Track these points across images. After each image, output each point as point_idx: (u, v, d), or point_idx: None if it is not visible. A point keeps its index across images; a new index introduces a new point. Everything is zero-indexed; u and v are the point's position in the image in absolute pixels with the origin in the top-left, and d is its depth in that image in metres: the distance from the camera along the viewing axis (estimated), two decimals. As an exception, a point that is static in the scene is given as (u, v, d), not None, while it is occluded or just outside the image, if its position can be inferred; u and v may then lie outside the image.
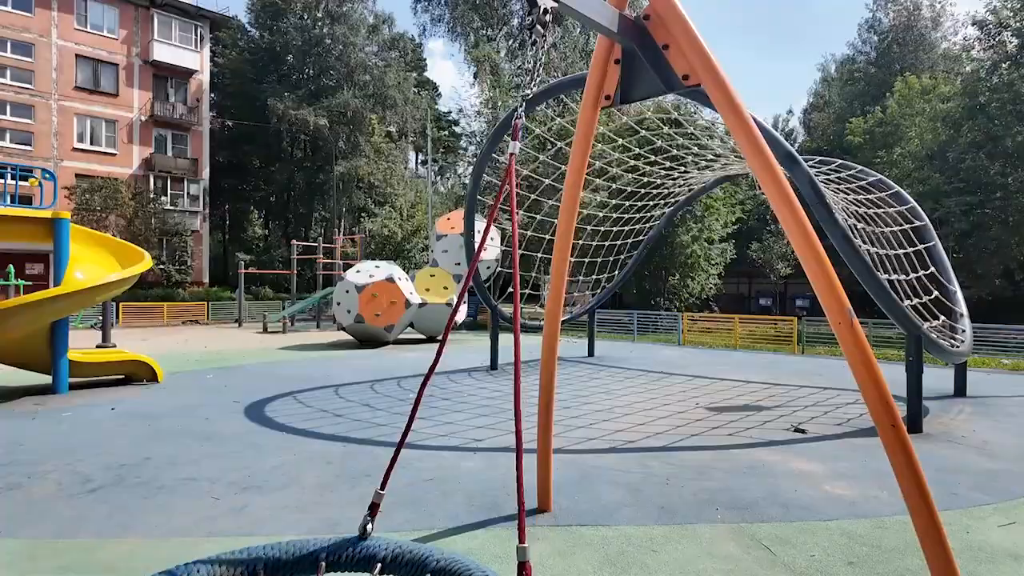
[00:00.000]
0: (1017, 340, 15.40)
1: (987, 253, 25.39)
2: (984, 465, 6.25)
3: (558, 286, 4.20)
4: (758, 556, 4.06)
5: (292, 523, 4.61)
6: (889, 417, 3.18)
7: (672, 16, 3.22)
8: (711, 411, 8.89)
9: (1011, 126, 24.39)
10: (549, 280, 4.38)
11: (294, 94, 43.97)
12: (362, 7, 48.56)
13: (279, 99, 41.98)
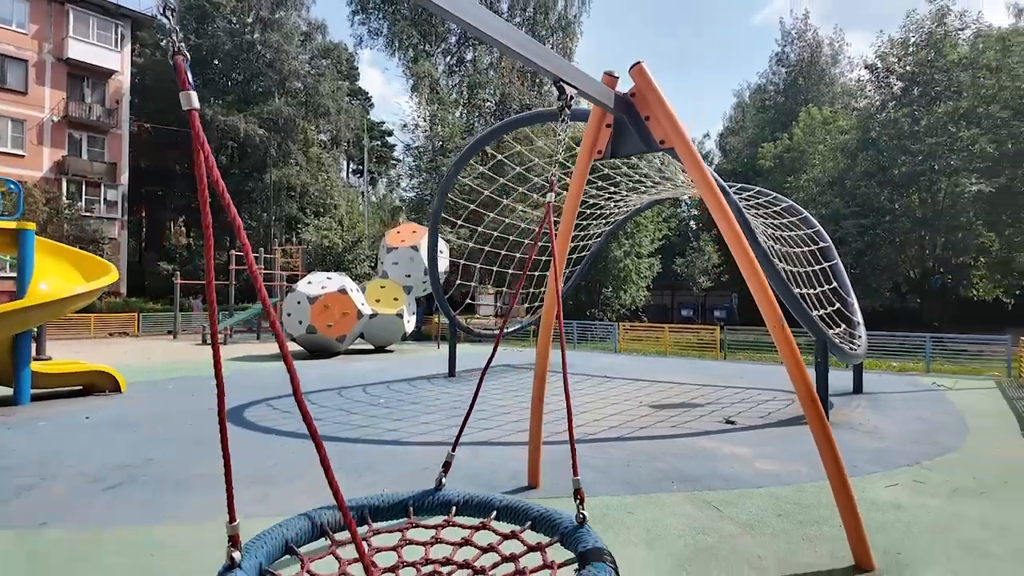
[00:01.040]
0: (903, 346, 17.72)
1: (879, 270, 28.56)
2: (875, 445, 7.68)
3: (552, 299, 5.12)
4: (709, 514, 5.13)
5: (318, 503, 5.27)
6: (813, 402, 4.31)
7: (652, 95, 4.25)
8: (654, 408, 10.08)
9: (897, 158, 27.68)
10: (486, 291, 5.26)
11: (222, 100, 42.98)
12: (296, 15, 48.10)
13: (207, 104, 40.91)
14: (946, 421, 9.31)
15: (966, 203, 26.40)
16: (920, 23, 28.58)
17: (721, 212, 4.15)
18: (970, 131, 26.39)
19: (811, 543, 4.58)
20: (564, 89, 3.58)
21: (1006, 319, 27.79)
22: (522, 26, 42.70)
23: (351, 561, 2.91)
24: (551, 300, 5.28)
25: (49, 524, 4.83)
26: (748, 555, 4.36)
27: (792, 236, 12.57)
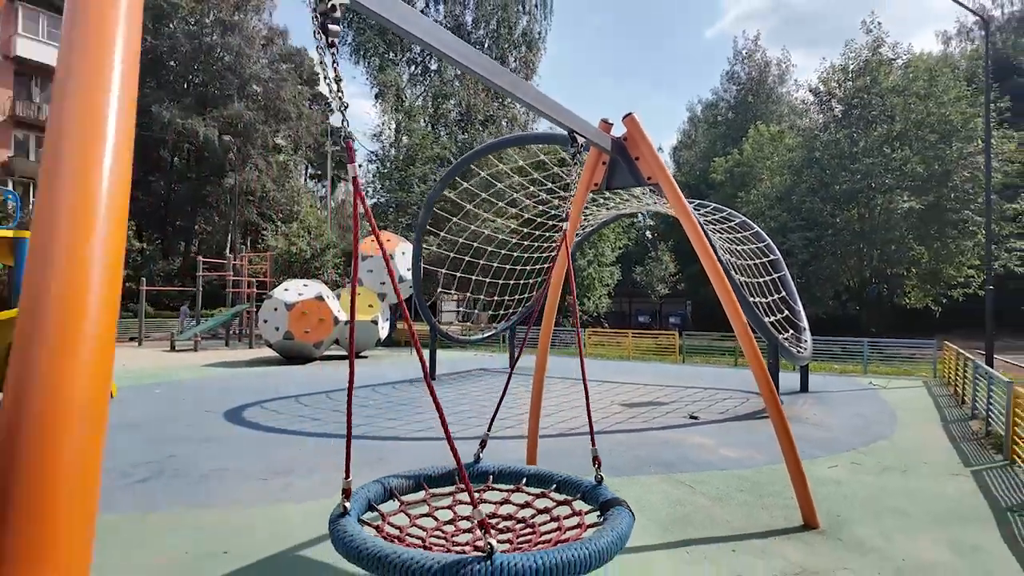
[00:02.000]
0: (844, 349, 19.29)
1: (822, 279, 30.55)
2: (820, 435, 8.79)
3: (552, 307, 5.95)
4: (684, 490, 6.05)
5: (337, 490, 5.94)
6: (773, 397, 5.25)
7: (641, 140, 5.14)
8: (624, 407, 11.02)
9: (838, 176, 29.75)
10: (449, 297, 5.98)
11: (180, 102, 42.36)
12: (256, 18, 47.80)
13: (163, 106, 40.25)
14: (880, 415, 10.56)
15: (899, 219, 28.59)
16: (858, 51, 30.87)
17: (698, 238, 5.07)
18: (902, 152, 28.64)
19: (768, 510, 5.53)
20: (576, 138, 4.43)
21: (935, 325, 30.15)
22: (485, 39, 43.65)
23: (418, 516, 3.66)
24: (551, 310, 6.09)
25: (98, 512, 5.35)
26: (718, 520, 5.28)
27: (745, 249, 13.79)
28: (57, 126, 1.24)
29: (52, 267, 1.16)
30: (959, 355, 12.84)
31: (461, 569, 2.58)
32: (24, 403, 1.07)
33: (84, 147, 1.23)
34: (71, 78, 1.25)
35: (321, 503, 5.52)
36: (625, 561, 4.32)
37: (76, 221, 1.19)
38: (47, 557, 0.98)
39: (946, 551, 4.65)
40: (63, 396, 1.09)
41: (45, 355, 1.10)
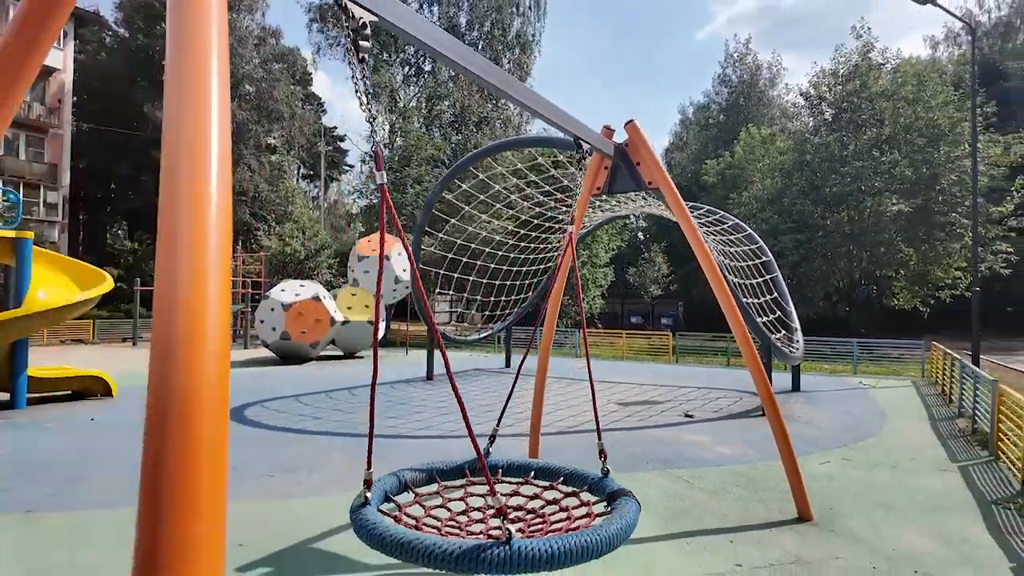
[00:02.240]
0: (834, 350, 19.59)
1: (812, 281, 30.94)
2: (811, 433, 9.01)
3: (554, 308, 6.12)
4: (682, 484, 6.24)
5: (346, 489, 6.09)
6: (770, 397, 5.45)
7: (642, 146, 5.33)
8: (621, 405, 11.21)
9: (828, 178, 30.16)
10: (443, 298, 6.13)
11: (173, 102, 42.23)
12: (249, 18, 47.70)
13: (156, 106, 40.13)
14: (869, 413, 10.81)
15: (888, 221, 29.03)
16: (848, 56, 31.31)
17: (697, 242, 5.26)
18: (891, 156, 29.08)
19: (763, 504, 5.73)
20: (582, 145, 4.61)
21: (923, 326, 30.60)
22: (479, 41, 43.82)
23: (432, 507, 3.82)
24: (553, 311, 6.26)
25: (117, 506, 5.47)
26: (716, 513, 5.47)
27: (738, 251, 14.02)
28: (173, 151, 1.40)
29: (178, 274, 1.32)
30: (946, 355, 13.13)
31: (482, 553, 2.74)
32: (168, 384, 1.24)
33: (194, 167, 1.39)
34: (181, 102, 1.42)
35: (329, 499, 5.67)
36: (630, 552, 4.50)
37: (194, 233, 1.35)
38: (196, 505, 1.15)
39: (933, 542, 4.86)
40: (197, 378, 1.26)
41: (182, 346, 1.26)
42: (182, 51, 1.49)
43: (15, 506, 5.36)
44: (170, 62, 1.54)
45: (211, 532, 1.20)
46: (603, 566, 4.17)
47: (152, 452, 1.24)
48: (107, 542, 4.67)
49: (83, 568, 4.21)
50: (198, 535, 1.17)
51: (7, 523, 5.00)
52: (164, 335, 1.28)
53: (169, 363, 1.26)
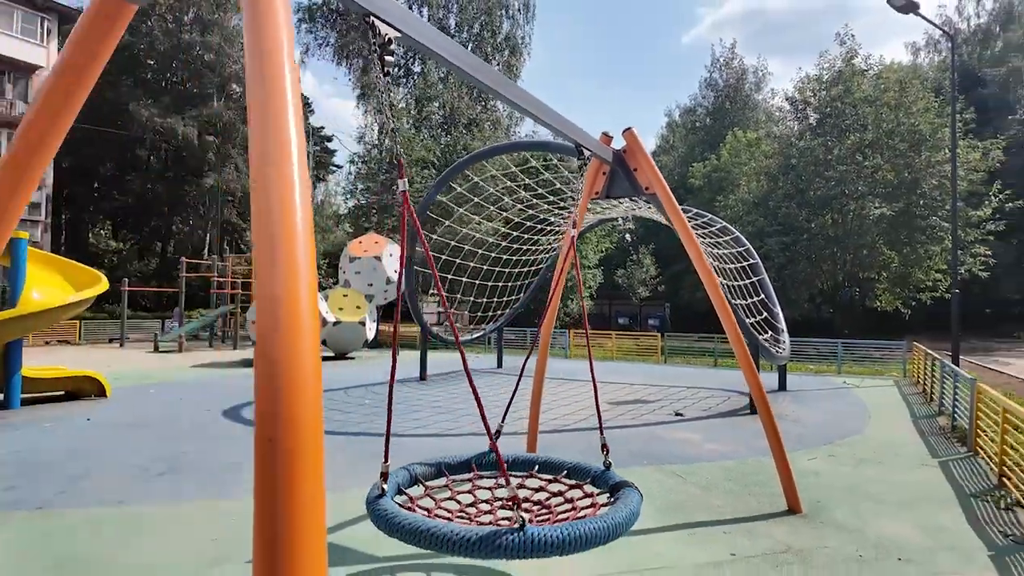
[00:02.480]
0: (819, 351, 19.99)
1: (797, 283, 31.43)
2: (798, 430, 9.27)
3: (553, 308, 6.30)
4: (675, 479, 6.45)
5: (353, 483, 6.23)
6: (761, 395, 5.68)
7: (640, 153, 5.54)
8: (613, 405, 11.43)
9: (813, 182, 30.69)
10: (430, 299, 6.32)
11: (157, 100, 41.87)
12: (237, 17, 47.45)
13: (141, 105, 39.77)
14: (854, 412, 11.11)
15: (871, 224, 29.59)
16: (832, 62, 31.88)
17: (693, 246, 5.48)
18: (874, 160, 29.66)
19: (755, 497, 5.95)
20: (583, 151, 4.80)
21: (904, 327, 31.22)
22: (468, 43, 43.95)
23: (442, 499, 3.98)
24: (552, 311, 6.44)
25: (125, 502, 5.57)
26: (709, 506, 5.68)
27: (726, 254, 14.31)
28: (261, 165, 1.56)
29: (276, 273, 1.48)
30: (927, 355, 13.50)
31: (497, 539, 2.91)
32: (277, 367, 1.41)
33: (281, 178, 1.55)
34: (265, 111, 1.60)
35: (336, 494, 5.79)
36: (629, 542, 4.69)
37: (285, 236, 1.51)
38: (306, 467, 1.34)
39: (915, 531, 5.10)
40: (299, 362, 1.43)
41: (284, 335, 1.43)
42: (263, 88, 1.66)
43: (27, 503, 5.44)
44: (251, 96, 1.71)
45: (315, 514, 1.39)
46: (605, 555, 4.38)
47: (261, 440, 1.42)
48: (121, 536, 4.77)
49: (103, 558, 4.31)
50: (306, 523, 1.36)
51: (23, 519, 5.09)
52: (268, 324, 1.44)
53: (272, 347, 1.42)
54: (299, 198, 1.59)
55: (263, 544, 1.38)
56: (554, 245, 17.90)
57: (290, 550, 1.37)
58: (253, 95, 1.68)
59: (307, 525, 1.41)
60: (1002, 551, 4.72)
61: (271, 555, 1.37)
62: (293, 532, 1.38)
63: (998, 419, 6.70)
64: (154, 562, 4.29)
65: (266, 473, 1.43)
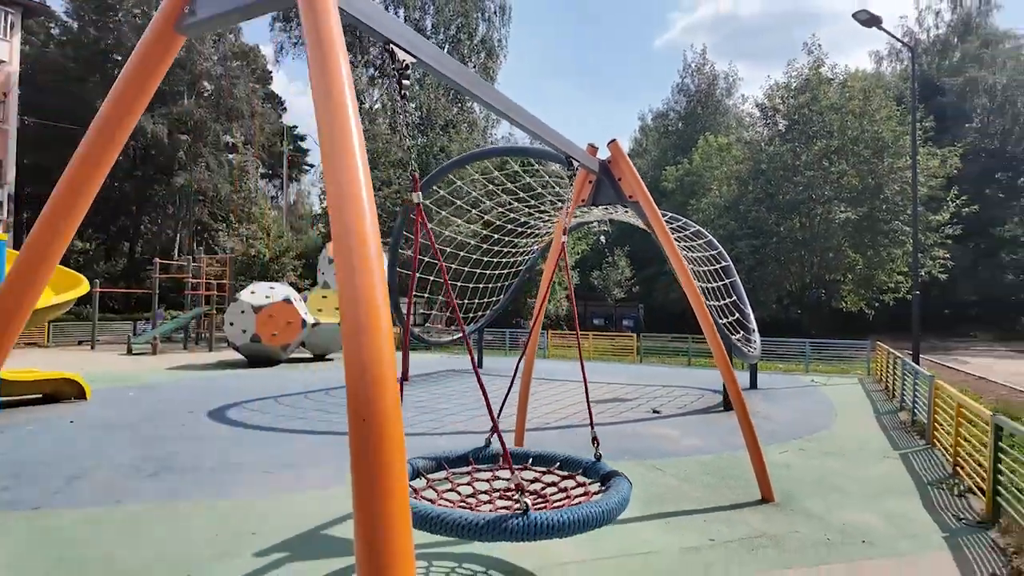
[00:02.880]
0: (788, 350, 20.66)
1: (767, 284, 32.32)
2: (769, 427, 9.71)
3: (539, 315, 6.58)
4: (656, 472, 6.78)
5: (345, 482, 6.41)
6: (737, 392, 6.04)
7: (624, 163, 5.85)
8: (593, 403, 11.70)
9: (782, 187, 31.60)
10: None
11: (127, 98, 41.02)
12: (208, 15, 46.77)
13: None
14: (821, 409, 11.63)
15: (836, 228, 30.59)
16: (800, 71, 32.88)
17: (674, 253, 5.80)
18: (840, 166, 30.68)
19: (730, 488, 6.31)
20: (572, 163, 5.09)
21: (868, 327, 32.32)
22: (445, 44, 44.07)
23: (444, 491, 4.22)
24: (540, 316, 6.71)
25: (123, 502, 5.67)
26: (688, 496, 6.02)
27: (700, 257, 14.78)
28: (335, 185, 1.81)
29: (353, 274, 1.74)
30: (889, 354, 14.15)
31: (503, 523, 3.17)
32: (364, 360, 1.66)
33: (352, 192, 1.80)
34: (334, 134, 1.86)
35: (332, 491, 5.99)
36: (615, 531, 4.97)
37: (359, 241, 1.77)
38: (390, 437, 1.61)
39: (878, 518, 5.50)
40: (381, 354, 1.68)
41: (368, 332, 1.68)
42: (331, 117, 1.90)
43: (22, 504, 5.50)
44: (321, 124, 1.94)
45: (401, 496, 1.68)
46: (595, 542, 4.67)
47: (355, 419, 1.73)
48: (121, 534, 4.89)
49: (105, 556, 4.43)
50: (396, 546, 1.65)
51: (21, 519, 5.16)
52: (354, 330, 1.69)
53: (363, 351, 1.67)
54: (369, 227, 1.85)
55: (361, 493, 1.70)
56: (533, 247, 18.21)
57: (382, 496, 1.67)
58: (326, 142, 1.94)
59: (393, 477, 1.72)
60: (955, 533, 5.14)
61: (368, 498, 1.67)
62: (384, 482, 1.69)
63: (953, 413, 7.18)
64: (157, 558, 4.43)
65: (359, 443, 1.73)
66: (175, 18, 2.50)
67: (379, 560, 1.61)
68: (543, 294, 6.49)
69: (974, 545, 4.87)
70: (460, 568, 4.32)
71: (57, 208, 2.67)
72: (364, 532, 1.65)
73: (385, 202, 30.81)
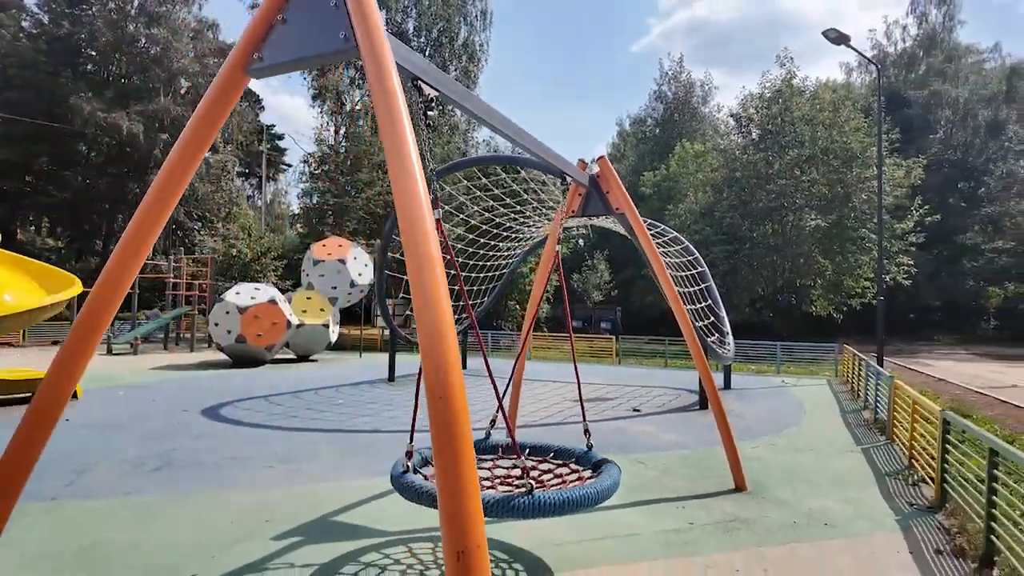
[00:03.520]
0: (760, 352, 21.43)
1: (740, 288, 33.31)
2: (742, 424, 10.27)
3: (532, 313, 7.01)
4: (639, 466, 7.26)
5: (347, 474, 6.77)
6: (713, 391, 6.54)
7: (611, 177, 6.32)
8: (575, 402, 12.19)
9: (755, 194, 32.61)
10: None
11: (101, 95, 40.44)
12: (185, 10, 46.29)
13: (83, 98, 38.32)
14: (790, 408, 12.26)
15: (807, 235, 31.70)
16: (773, 82, 33.96)
17: (657, 261, 6.28)
18: (810, 175, 31.80)
19: (707, 478, 6.81)
20: (566, 178, 5.53)
21: (837, 331, 33.47)
22: (426, 47, 44.33)
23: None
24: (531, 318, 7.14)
25: (133, 494, 5.95)
26: (668, 486, 6.50)
27: (678, 262, 15.37)
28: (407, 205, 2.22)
29: (426, 293, 2.13)
30: (855, 357, 14.89)
31: (511, 501, 3.59)
32: (438, 354, 2.06)
33: (417, 206, 2.22)
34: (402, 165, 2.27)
35: (337, 483, 6.34)
36: (601, 515, 5.43)
37: (428, 264, 2.17)
38: (459, 411, 2.02)
39: (840, 504, 6.04)
40: (451, 354, 2.08)
41: (439, 333, 2.09)
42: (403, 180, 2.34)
43: (39, 496, 5.74)
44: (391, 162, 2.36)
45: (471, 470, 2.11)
46: (585, 525, 5.12)
47: (436, 407, 2.13)
48: (138, 521, 5.19)
49: (129, 541, 4.73)
50: (467, 474, 2.08)
51: (41, 509, 5.41)
52: (428, 330, 2.11)
53: (436, 346, 2.08)
54: (434, 250, 2.27)
55: (440, 450, 2.18)
56: (516, 251, 18.64)
57: (458, 453, 2.12)
58: (395, 174, 2.39)
59: (462, 439, 2.19)
60: (907, 516, 5.70)
61: (446, 453, 2.15)
62: (456, 443, 2.15)
63: (909, 411, 7.79)
64: (180, 542, 4.74)
65: (438, 417, 2.16)
66: (245, 62, 2.87)
67: (458, 496, 2.08)
68: (536, 299, 6.93)
69: (923, 526, 5.43)
70: (463, 549, 4.71)
71: (140, 227, 3.03)
72: (445, 481, 2.13)
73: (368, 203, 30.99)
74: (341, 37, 2.68)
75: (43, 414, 3.13)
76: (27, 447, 3.03)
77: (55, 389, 3.08)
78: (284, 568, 4.31)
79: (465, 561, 1.90)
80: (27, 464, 3.01)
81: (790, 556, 4.72)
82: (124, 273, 3.02)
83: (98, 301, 3.01)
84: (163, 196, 2.98)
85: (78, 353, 3.12)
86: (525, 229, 17.16)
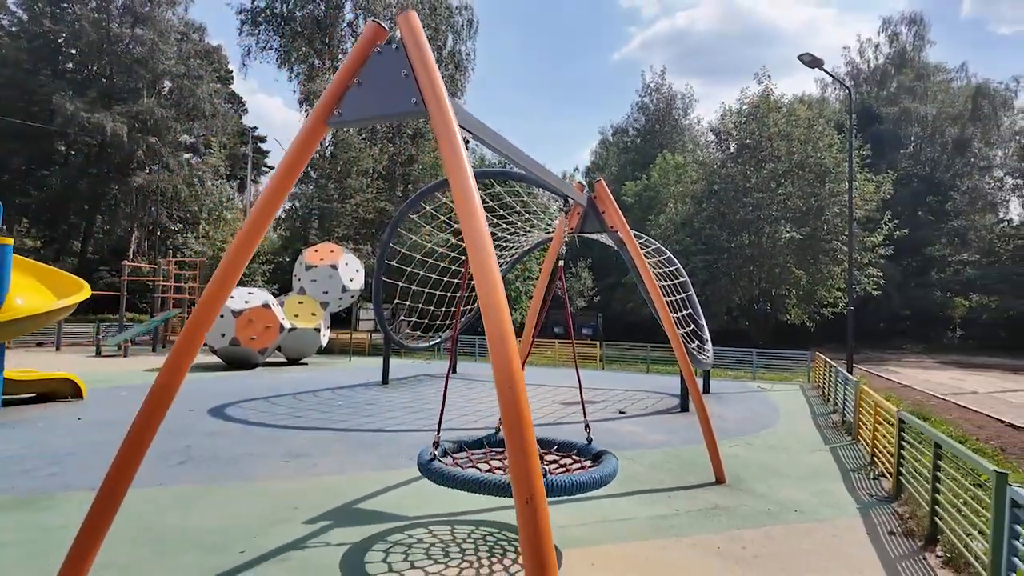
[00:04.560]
0: (737, 359, 22.30)
1: (718, 297, 34.31)
2: (721, 425, 10.97)
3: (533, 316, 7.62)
4: (627, 462, 7.90)
5: (363, 468, 7.31)
6: (697, 393, 7.21)
7: (607, 199, 6.98)
8: (564, 405, 12.87)
9: (733, 206, 33.68)
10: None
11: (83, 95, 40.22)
12: (171, 12, 46.24)
13: (65, 97, 38.10)
14: (766, 411, 13.04)
15: (782, 246, 32.81)
16: (752, 98, 35.14)
17: (649, 279, 6.95)
18: (786, 189, 32.97)
19: (691, 473, 7.48)
20: (568, 200, 6.18)
21: (810, 339, 34.65)
22: (414, 55, 44.73)
23: (465, 467, 5.20)
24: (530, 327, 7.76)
25: (166, 484, 6.43)
26: (656, 480, 7.15)
27: (660, 272, 16.12)
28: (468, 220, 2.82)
29: (485, 283, 2.73)
30: (827, 364, 15.76)
31: None
32: (505, 356, 2.65)
33: (476, 217, 2.82)
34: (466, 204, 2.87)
35: (354, 475, 6.88)
36: (595, 504, 6.05)
37: (492, 284, 2.76)
38: (521, 399, 2.59)
39: (809, 495, 6.75)
40: (513, 352, 2.67)
41: (505, 339, 2.68)
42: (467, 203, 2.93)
43: (77, 485, 6.20)
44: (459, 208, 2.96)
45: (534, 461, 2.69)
46: (581, 511, 5.74)
47: (506, 401, 2.69)
48: (178, 507, 5.68)
49: (176, 524, 5.23)
50: (529, 439, 2.66)
51: (84, 497, 5.82)
52: (496, 334, 2.70)
53: (503, 349, 2.68)
54: (495, 271, 2.87)
55: (511, 429, 2.68)
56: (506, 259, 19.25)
57: (522, 433, 2.65)
58: (462, 211, 2.98)
59: (524, 419, 2.71)
60: (867, 505, 6.42)
61: (516, 436, 2.66)
62: (522, 429, 2.67)
63: (872, 413, 8.56)
64: (224, 526, 5.26)
65: (507, 404, 2.71)
66: (327, 116, 3.44)
67: (525, 457, 2.63)
68: (535, 307, 7.55)
69: (880, 513, 6.15)
70: (477, 531, 5.31)
71: (240, 250, 3.62)
72: (515, 459, 2.65)
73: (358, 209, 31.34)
74: (412, 102, 3.27)
75: (157, 404, 3.68)
76: (146, 428, 3.55)
77: (171, 375, 3.64)
78: (321, 546, 4.85)
79: (532, 504, 2.49)
80: (143, 445, 3.55)
81: (764, 537, 5.39)
82: (227, 279, 3.61)
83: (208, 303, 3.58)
84: (253, 231, 3.57)
85: (185, 352, 3.65)
86: (510, 237, 17.80)
